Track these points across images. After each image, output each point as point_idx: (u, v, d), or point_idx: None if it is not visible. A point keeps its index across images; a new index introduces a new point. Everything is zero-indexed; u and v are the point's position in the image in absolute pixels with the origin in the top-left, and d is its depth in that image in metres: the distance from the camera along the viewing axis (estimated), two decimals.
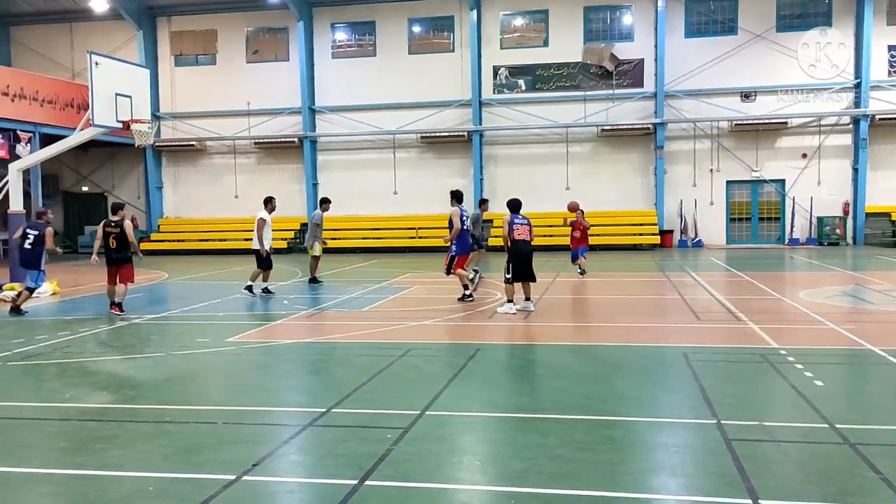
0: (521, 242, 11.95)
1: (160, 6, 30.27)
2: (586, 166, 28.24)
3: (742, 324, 10.67)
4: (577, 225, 17.36)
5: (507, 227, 12.00)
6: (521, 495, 4.61)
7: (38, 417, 6.74)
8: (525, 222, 12.09)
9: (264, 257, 14.97)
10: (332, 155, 29.95)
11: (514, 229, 11.94)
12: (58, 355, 9.32)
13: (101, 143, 27.43)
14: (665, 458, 5.25)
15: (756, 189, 27.68)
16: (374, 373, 7.96)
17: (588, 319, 11.60)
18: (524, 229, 12.01)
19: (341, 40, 29.73)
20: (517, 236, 11.94)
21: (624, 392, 7.12)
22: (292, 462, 5.38)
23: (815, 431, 5.78)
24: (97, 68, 15.66)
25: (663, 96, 27.07)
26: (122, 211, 13.43)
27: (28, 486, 5.06)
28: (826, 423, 5.91)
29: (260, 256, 15.00)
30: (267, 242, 15.08)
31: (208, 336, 10.52)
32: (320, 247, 17.07)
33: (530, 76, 28.28)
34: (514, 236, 11.93)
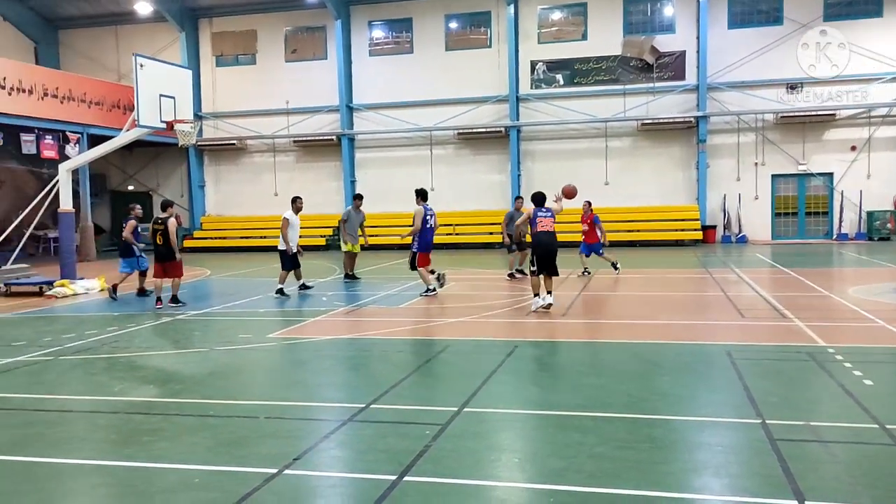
0: (544, 234, 11.81)
1: (202, 7, 30.70)
2: (626, 161, 27.97)
3: (788, 321, 10.48)
4: (584, 218, 16.94)
5: (530, 221, 11.92)
6: (560, 493, 4.59)
7: (89, 410, 6.91)
8: (549, 215, 11.97)
9: (290, 257, 14.66)
10: (370, 152, 30.10)
11: (536, 222, 11.84)
12: (106, 350, 9.53)
13: (146, 143, 27.94)
14: (708, 457, 5.18)
15: (803, 183, 27.15)
16: (412, 369, 8.00)
17: (628, 316, 11.49)
18: (547, 221, 11.87)
19: (378, 38, 29.84)
20: (540, 228, 11.81)
21: (666, 390, 7.04)
22: (333, 457, 5.43)
23: (865, 432, 5.65)
24: (142, 70, 15.93)
25: (706, 89, 26.68)
26: (171, 209, 13.90)
27: (79, 477, 5.19)
28: (876, 424, 5.78)
29: (284, 257, 14.70)
30: (293, 242, 14.78)
31: (250, 332, 10.66)
32: (349, 245, 16.81)
33: (568, 70, 28.09)
34: (537, 228, 11.83)
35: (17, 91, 22.66)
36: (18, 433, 6.10)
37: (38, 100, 23.46)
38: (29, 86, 23.12)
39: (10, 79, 22.38)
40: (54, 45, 32.10)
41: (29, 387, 7.80)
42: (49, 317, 12.86)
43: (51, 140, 23.94)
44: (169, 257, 13.46)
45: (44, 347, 9.74)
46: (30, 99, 23.11)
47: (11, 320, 12.48)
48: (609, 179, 27.90)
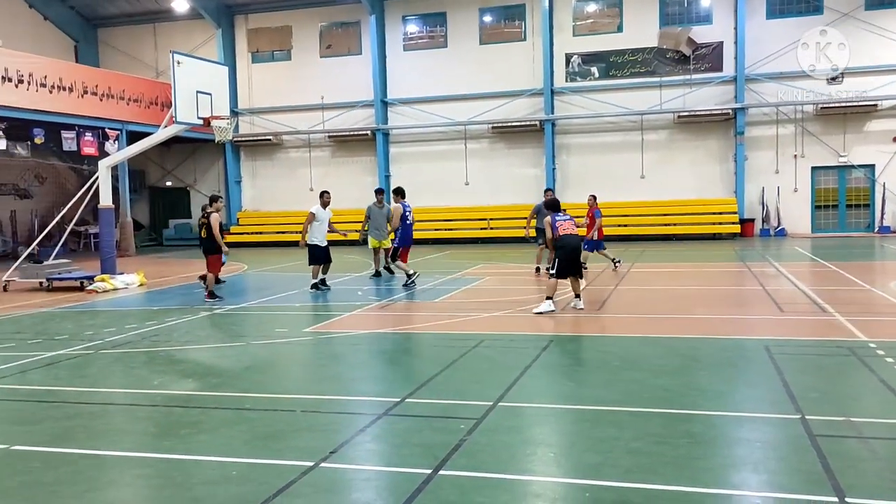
0: (568, 237, 11.62)
1: (238, 4, 30.98)
2: (662, 154, 27.68)
3: (828, 316, 10.31)
4: (589, 212, 16.51)
5: (550, 228, 11.72)
6: (596, 488, 4.57)
7: (129, 403, 7.04)
8: (567, 218, 11.86)
9: (321, 250, 14.50)
10: (404, 147, 30.17)
11: (557, 227, 11.66)
12: (146, 344, 9.69)
13: (184, 140, 28.26)
14: (746, 453, 5.12)
15: (843, 175, 26.62)
16: (446, 363, 8.01)
17: (665, 311, 11.39)
18: (568, 224, 11.73)
19: (412, 32, 29.86)
20: (563, 232, 11.62)
21: (703, 385, 6.97)
22: (368, 450, 5.46)
23: None
24: (179, 67, 16.12)
25: (744, 80, 26.27)
26: (217, 203, 14.17)
27: (121, 468, 5.29)
28: None
29: (311, 251, 14.55)
30: (320, 236, 14.58)
31: (286, 326, 10.76)
32: (374, 241, 16.49)
33: (604, 63, 27.84)
34: (560, 233, 11.62)
35: (58, 89, 23.08)
36: (62, 425, 6.23)
37: (79, 97, 23.88)
38: (69, 84, 23.54)
39: (50, 77, 22.81)
40: (94, 44, 32.64)
41: (71, 380, 7.97)
42: (90, 311, 13.11)
43: (91, 137, 24.35)
44: (210, 250, 13.68)
45: (85, 341, 9.94)
46: (70, 97, 23.53)
47: (53, 314, 12.75)
48: (645, 173, 27.64)
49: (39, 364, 8.64)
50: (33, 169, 27.91)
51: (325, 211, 14.84)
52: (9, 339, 10.26)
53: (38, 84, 22.35)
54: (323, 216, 14.76)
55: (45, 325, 11.50)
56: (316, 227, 14.62)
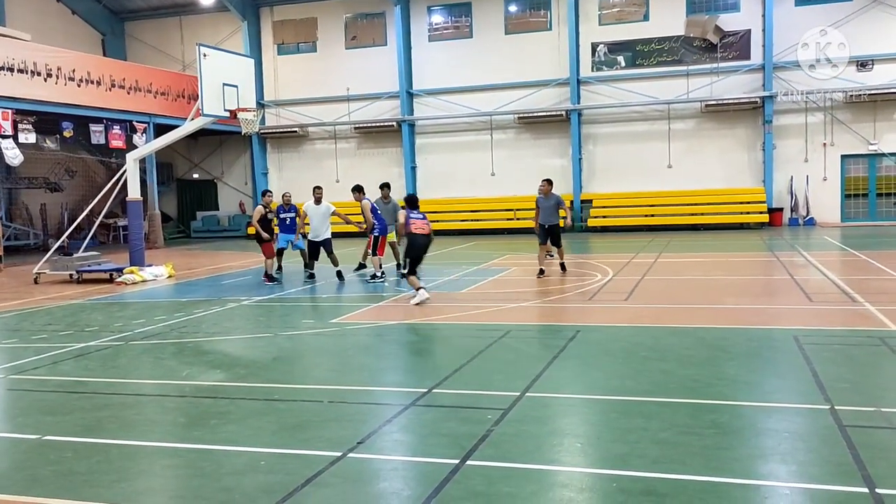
0: (417, 236, 11.94)
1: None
2: (689, 143, 27.40)
3: (858, 305, 10.17)
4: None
5: (404, 220, 12.11)
6: (623, 478, 4.56)
7: (159, 394, 7.13)
8: (421, 217, 12.14)
9: (310, 244, 15.19)
10: (430, 138, 30.15)
11: (409, 223, 12.03)
12: (175, 335, 9.80)
13: (211, 132, 28.52)
14: (775, 444, 5.07)
15: (874, 163, 26.19)
16: (473, 354, 8.02)
17: (693, 301, 11.30)
18: (421, 223, 12.06)
19: (437, 23, 29.79)
20: (414, 230, 11.98)
21: (731, 376, 6.92)
22: (395, 441, 5.49)
23: None
24: (205, 60, 16.23)
25: (772, 68, 25.90)
26: (265, 197, 15.55)
27: (151, 458, 5.37)
28: None
29: (317, 245, 15.16)
30: (312, 232, 15.05)
31: (313, 317, 10.84)
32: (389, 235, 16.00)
33: (630, 52, 27.59)
34: (411, 230, 12.00)
35: (86, 83, 23.35)
36: (93, 416, 6.33)
37: (106, 91, 24.14)
38: (97, 77, 23.80)
39: (79, 71, 23.08)
40: (121, 37, 32.96)
41: (102, 371, 8.08)
42: (119, 303, 13.28)
43: (118, 130, 24.62)
44: (258, 239, 15.17)
45: (115, 333, 10.07)
46: (98, 90, 23.80)
47: (84, 306, 12.93)
48: (672, 162, 27.39)
49: (70, 355, 8.78)
50: (63, 162, 28.28)
51: (318, 206, 15.06)
52: (40, 331, 10.43)
53: (67, 78, 22.63)
54: (314, 212, 15.03)
55: (75, 317, 11.67)
56: (313, 222, 15.02)
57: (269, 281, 14.83)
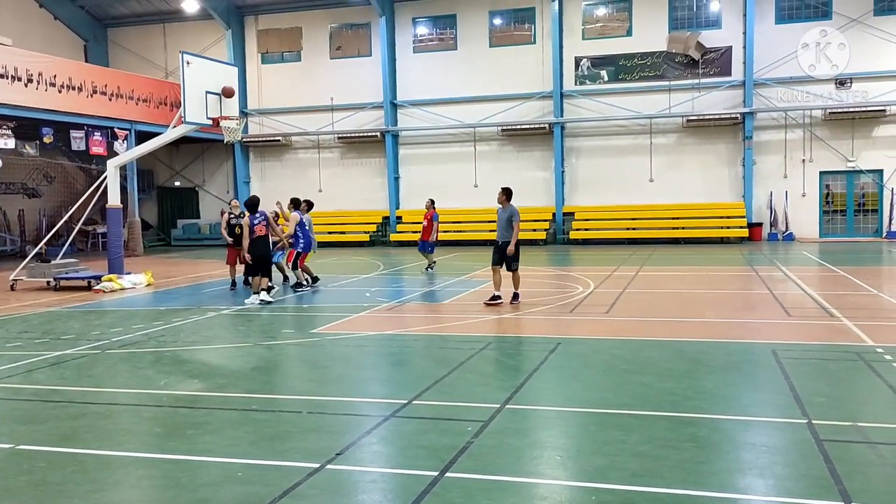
0: (259, 238, 13.01)
1: (248, 5, 31.06)
2: (671, 158, 27.62)
3: (836, 320, 10.27)
4: (426, 215, 18.29)
5: (248, 228, 12.97)
6: (602, 492, 4.56)
7: (135, 403, 7.05)
8: (262, 219, 13.12)
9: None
10: (414, 149, 30.17)
11: (255, 229, 12.96)
12: (153, 344, 9.71)
13: (193, 140, 28.38)
14: (752, 457, 5.10)
15: (851, 180, 26.51)
16: (454, 365, 8.00)
17: (673, 314, 11.36)
18: (259, 226, 13.05)
19: (422, 34, 29.88)
20: (259, 233, 13.03)
21: (710, 389, 6.95)
22: (374, 452, 5.46)
23: None
24: (188, 67, 16.17)
25: (752, 85, 26.19)
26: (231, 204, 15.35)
27: (126, 469, 5.30)
28: None
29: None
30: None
31: (293, 327, 10.78)
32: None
33: (613, 67, 27.80)
34: (257, 234, 12.98)
35: (68, 88, 23.18)
36: (68, 425, 6.25)
37: (88, 97, 23.97)
38: (79, 83, 23.63)
39: (60, 77, 22.91)
40: (104, 43, 32.77)
41: (78, 380, 7.99)
42: (97, 311, 13.15)
43: (99, 136, 24.42)
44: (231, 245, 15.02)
45: (91, 341, 9.97)
46: (79, 96, 23.62)
47: (61, 314, 12.79)
48: (654, 176, 27.58)
49: (45, 363, 8.67)
50: (42, 168, 28.04)
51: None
52: (15, 339, 10.31)
53: (48, 83, 22.46)
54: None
55: (51, 325, 11.54)
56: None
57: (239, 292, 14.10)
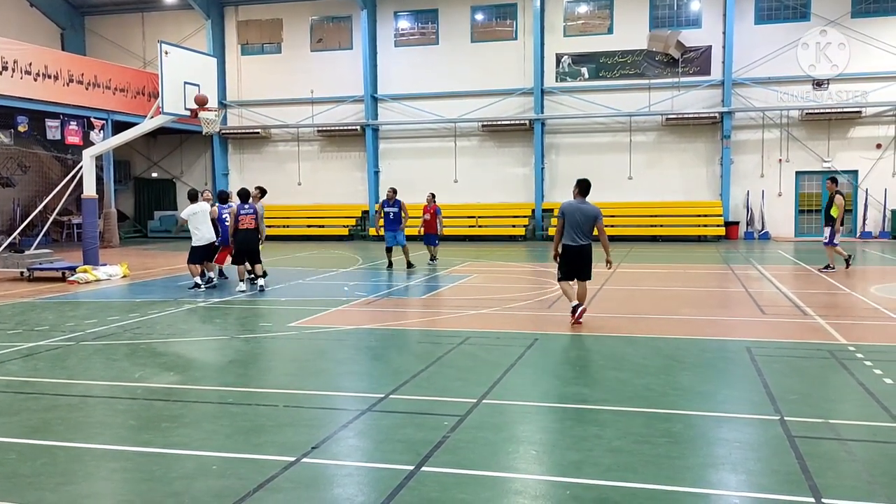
0: (245, 230, 13.33)
1: None
2: (650, 156, 27.78)
3: (809, 319, 10.39)
4: (427, 209, 18.38)
5: (233, 218, 13.31)
6: (576, 486, 4.59)
7: (109, 396, 6.98)
8: (250, 211, 13.35)
9: (198, 248, 13.90)
10: (394, 143, 30.11)
11: (240, 220, 13.20)
12: (128, 336, 9.63)
13: (171, 131, 28.14)
14: (725, 453, 5.15)
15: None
16: (431, 360, 8.01)
17: (650, 311, 11.44)
18: (248, 218, 13.31)
19: (404, 29, 29.80)
20: (242, 226, 13.25)
21: (685, 385, 7.01)
22: (351, 446, 5.45)
23: (884, 430, 5.60)
24: (167, 57, 16.02)
25: (731, 84, 26.39)
26: (204, 195, 14.80)
27: (99, 461, 5.25)
28: (895, 423, 5.72)
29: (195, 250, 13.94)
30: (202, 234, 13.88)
31: (271, 321, 10.73)
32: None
33: (594, 64, 27.90)
34: (240, 226, 13.21)
35: (43, 77, 22.88)
36: (40, 417, 6.19)
37: (64, 86, 23.67)
38: (55, 72, 23.33)
39: (35, 64, 22.59)
40: (81, 32, 32.35)
41: (51, 371, 7.91)
42: (71, 302, 13.01)
43: (75, 126, 24.13)
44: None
45: (66, 332, 9.86)
46: (55, 85, 23.32)
47: (34, 305, 12.64)
48: (633, 174, 27.73)
49: (18, 355, 8.57)
50: (16, 157, 27.66)
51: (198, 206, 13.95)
52: None
53: (23, 71, 22.15)
54: (194, 210, 13.90)
55: (25, 316, 11.40)
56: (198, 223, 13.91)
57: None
